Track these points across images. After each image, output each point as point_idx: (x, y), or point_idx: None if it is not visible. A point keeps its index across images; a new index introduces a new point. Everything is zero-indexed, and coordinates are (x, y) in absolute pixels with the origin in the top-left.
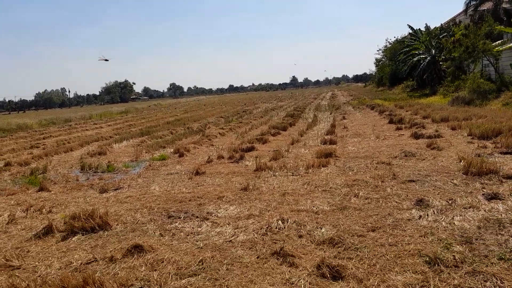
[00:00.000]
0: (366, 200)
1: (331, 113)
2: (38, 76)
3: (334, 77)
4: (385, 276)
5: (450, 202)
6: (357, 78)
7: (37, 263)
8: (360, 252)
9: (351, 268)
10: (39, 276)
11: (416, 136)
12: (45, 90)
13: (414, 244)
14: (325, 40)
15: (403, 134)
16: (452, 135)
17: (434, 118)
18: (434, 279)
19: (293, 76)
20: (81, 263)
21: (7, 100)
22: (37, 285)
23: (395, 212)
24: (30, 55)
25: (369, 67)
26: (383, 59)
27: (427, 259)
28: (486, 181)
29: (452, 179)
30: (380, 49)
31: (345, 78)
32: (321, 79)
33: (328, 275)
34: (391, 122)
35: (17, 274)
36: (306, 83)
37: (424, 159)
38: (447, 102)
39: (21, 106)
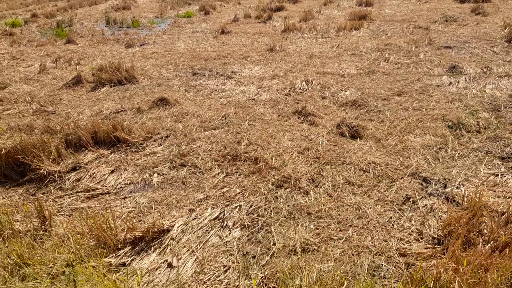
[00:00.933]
0: (396, 65)
1: None
2: None
3: None
4: (404, 138)
5: (485, 70)
6: None
7: (69, 110)
8: (382, 114)
9: (371, 129)
10: (72, 121)
11: (461, 0)
12: None
13: (439, 109)
14: None
15: None
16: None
17: None
18: (453, 142)
19: None
20: (110, 112)
21: None
22: (71, 128)
23: (424, 78)
24: None
25: None
26: None
27: (450, 123)
28: None
29: (492, 47)
30: None
31: None
32: None
33: (347, 134)
34: None
35: (52, 118)
36: None
37: (465, 25)
38: None
39: None
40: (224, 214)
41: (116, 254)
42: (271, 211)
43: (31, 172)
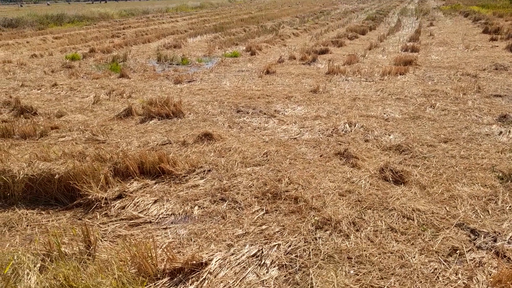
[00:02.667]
0: (443, 111)
1: (417, 19)
2: None
3: None
4: (451, 186)
5: None
6: None
7: (119, 140)
8: (427, 161)
9: (416, 175)
10: (121, 150)
11: None
12: None
13: (488, 159)
14: None
15: (497, 46)
16: None
17: None
18: (503, 194)
19: None
20: (156, 144)
21: None
22: (120, 157)
23: (473, 126)
24: None
25: None
26: None
27: (500, 174)
28: None
29: None
30: None
31: None
32: None
33: (390, 179)
34: (485, 31)
35: (102, 147)
36: None
37: None
38: None
39: None
40: (262, 252)
41: (155, 284)
42: (310, 252)
43: (80, 197)
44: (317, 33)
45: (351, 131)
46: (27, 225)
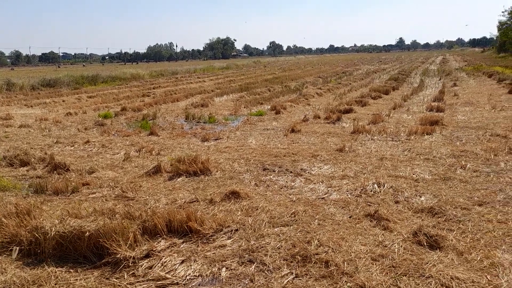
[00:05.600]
0: (475, 173)
1: (440, 79)
2: (151, 31)
3: (446, 40)
4: (490, 253)
5: None
6: (474, 43)
7: (147, 197)
8: (462, 225)
9: (451, 240)
10: (149, 208)
11: None
12: (156, 44)
13: None
14: None
15: None
16: None
17: None
18: None
19: (400, 38)
20: (184, 202)
21: (123, 52)
22: (148, 215)
23: (507, 188)
24: (143, 12)
25: (490, 31)
26: (509, 22)
27: None
28: None
29: None
30: (506, 10)
31: (459, 42)
32: (432, 42)
33: (425, 243)
34: (511, 92)
35: (131, 204)
36: (414, 45)
37: None
38: None
39: (135, 58)
40: None
41: None
42: None
43: (108, 256)
44: (341, 93)
45: (380, 191)
46: (56, 284)
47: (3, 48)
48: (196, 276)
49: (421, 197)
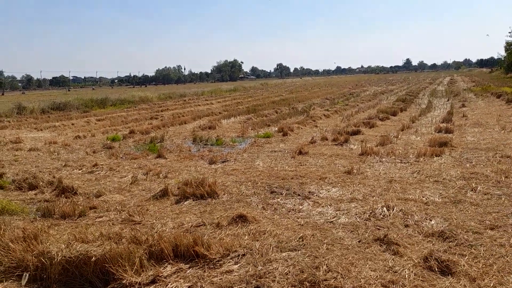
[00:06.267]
0: (485, 195)
1: (448, 100)
2: (159, 54)
3: (454, 61)
4: (504, 279)
5: None
6: (482, 63)
7: (154, 221)
8: (474, 249)
9: (463, 265)
10: (156, 232)
11: None
12: (164, 67)
13: None
14: (445, 20)
15: None
16: None
17: None
18: None
19: (407, 59)
20: (191, 225)
21: (132, 75)
22: (155, 240)
23: None
24: (153, 35)
25: (498, 51)
26: None
27: None
28: None
29: None
30: None
31: (466, 63)
32: (439, 63)
33: (436, 269)
34: None
35: (138, 228)
36: (421, 66)
37: None
38: None
39: (143, 81)
40: None
41: None
42: None
43: (113, 281)
44: (348, 114)
45: (389, 215)
46: None
47: (15, 72)
48: None
49: (431, 220)
